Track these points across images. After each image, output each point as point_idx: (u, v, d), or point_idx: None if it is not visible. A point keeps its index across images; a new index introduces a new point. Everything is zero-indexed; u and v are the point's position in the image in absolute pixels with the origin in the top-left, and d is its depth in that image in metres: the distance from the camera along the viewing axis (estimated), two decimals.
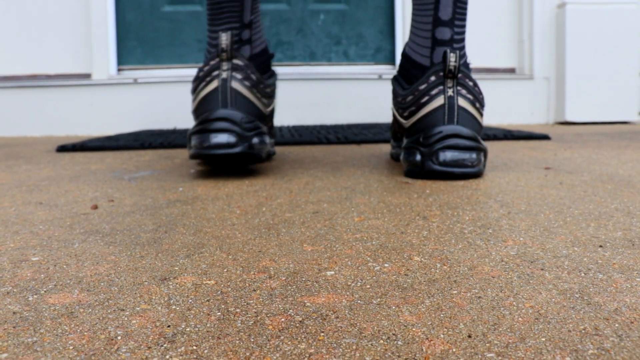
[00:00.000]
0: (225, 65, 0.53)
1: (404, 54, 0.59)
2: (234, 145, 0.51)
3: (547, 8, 1.43)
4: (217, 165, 0.60)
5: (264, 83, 0.56)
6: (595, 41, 1.39)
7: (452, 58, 0.51)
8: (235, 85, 0.53)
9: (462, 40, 0.55)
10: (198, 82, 0.55)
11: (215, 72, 0.53)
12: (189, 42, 1.43)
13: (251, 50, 0.59)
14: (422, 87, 0.53)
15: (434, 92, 0.52)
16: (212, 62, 0.54)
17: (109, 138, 1.07)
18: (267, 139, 0.54)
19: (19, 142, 1.18)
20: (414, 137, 0.52)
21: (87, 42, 1.38)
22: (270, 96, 0.58)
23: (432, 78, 0.52)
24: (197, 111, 0.55)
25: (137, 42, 1.43)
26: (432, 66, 0.53)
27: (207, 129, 0.51)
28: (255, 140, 0.52)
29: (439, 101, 0.51)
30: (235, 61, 0.54)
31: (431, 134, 0.50)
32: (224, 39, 0.53)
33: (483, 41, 1.46)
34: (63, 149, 0.91)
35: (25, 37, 1.40)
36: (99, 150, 0.90)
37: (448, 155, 0.49)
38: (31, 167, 0.69)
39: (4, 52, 1.40)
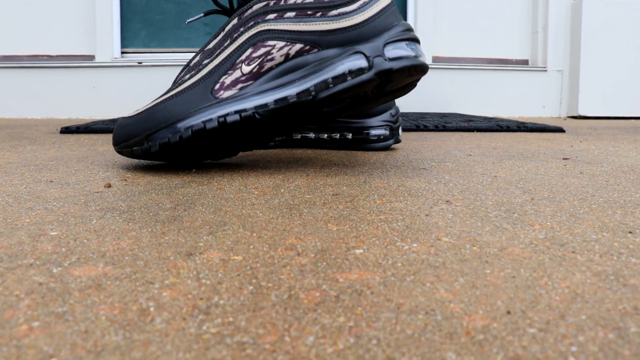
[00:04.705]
0: None
1: None
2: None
3: None
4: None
5: None
6: (611, 34, 1.38)
7: None
8: None
9: None
10: None
11: None
12: (195, 26, 1.42)
13: None
14: None
15: None
16: None
17: (113, 121, 1.06)
18: None
19: (20, 124, 1.17)
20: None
21: (90, 23, 1.37)
22: None
23: None
24: (379, 19, 0.44)
25: (142, 25, 1.41)
26: None
27: (415, 37, 0.45)
28: None
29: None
30: None
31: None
32: None
33: (496, 31, 1.45)
34: (67, 130, 0.90)
35: (26, 16, 1.38)
36: (104, 133, 0.89)
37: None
38: (36, 147, 0.68)
39: (5, 31, 1.38)
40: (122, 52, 1.39)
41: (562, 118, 1.43)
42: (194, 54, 1.40)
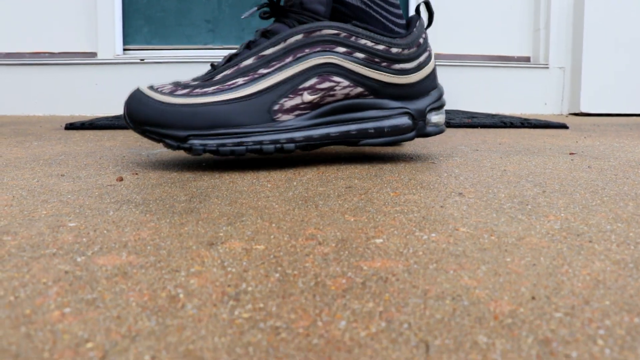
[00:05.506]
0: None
1: None
2: None
3: None
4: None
5: None
6: (613, 31, 1.39)
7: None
8: None
9: None
10: (421, 50, 0.48)
11: (430, 45, 0.52)
12: (197, 23, 1.41)
13: None
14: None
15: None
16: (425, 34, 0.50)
17: (117, 117, 1.06)
18: None
19: (23, 121, 1.16)
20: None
21: (92, 20, 1.36)
22: None
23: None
24: (427, 82, 0.49)
25: (144, 21, 1.41)
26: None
27: (445, 103, 0.52)
28: None
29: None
30: None
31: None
32: None
33: (498, 28, 1.45)
34: (71, 126, 0.90)
35: (28, 13, 1.37)
36: (108, 129, 0.89)
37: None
38: (42, 143, 0.68)
39: (7, 28, 1.38)
40: (124, 49, 1.39)
41: (564, 115, 1.44)
42: (196, 50, 1.39)
